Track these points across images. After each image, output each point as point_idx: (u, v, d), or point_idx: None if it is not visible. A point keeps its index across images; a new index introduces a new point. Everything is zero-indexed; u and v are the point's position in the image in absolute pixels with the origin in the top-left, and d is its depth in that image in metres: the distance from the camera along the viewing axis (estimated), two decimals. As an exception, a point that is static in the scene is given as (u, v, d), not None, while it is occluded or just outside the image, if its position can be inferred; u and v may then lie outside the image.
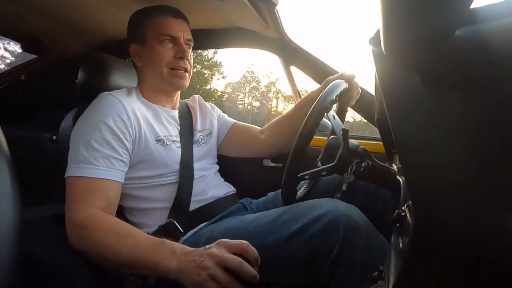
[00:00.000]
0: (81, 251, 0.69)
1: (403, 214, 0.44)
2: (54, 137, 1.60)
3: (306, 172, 0.79)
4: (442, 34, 0.27)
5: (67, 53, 1.53)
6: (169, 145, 0.88)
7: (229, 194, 0.99)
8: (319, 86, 0.99)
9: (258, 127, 1.10)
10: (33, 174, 1.35)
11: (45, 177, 1.43)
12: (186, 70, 0.92)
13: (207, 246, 0.61)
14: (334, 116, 0.79)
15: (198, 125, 1.03)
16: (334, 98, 0.76)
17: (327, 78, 0.91)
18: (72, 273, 0.68)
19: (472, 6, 0.26)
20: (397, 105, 0.34)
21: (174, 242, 0.65)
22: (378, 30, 0.31)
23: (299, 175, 0.77)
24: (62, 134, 0.96)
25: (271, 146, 1.06)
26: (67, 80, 1.60)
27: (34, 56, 1.61)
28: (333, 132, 0.83)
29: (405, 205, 0.45)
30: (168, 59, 0.89)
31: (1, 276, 0.59)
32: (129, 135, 0.81)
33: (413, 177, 0.33)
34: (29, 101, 1.71)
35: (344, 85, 0.82)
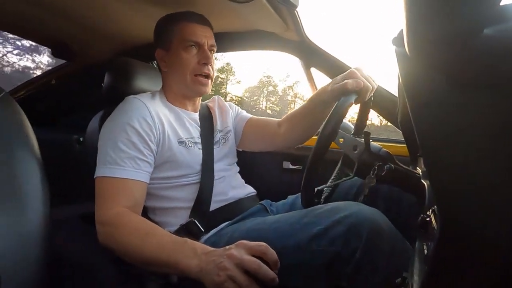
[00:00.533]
0: (109, 249, 0.72)
1: (428, 219, 0.43)
2: (81, 139, 1.66)
3: (323, 186, 0.78)
4: (469, 32, 0.26)
5: (94, 58, 1.59)
6: (191, 147, 0.90)
7: (249, 195, 1.00)
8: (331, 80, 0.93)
9: (277, 120, 1.08)
10: (61, 174, 1.41)
11: (72, 177, 1.49)
12: (208, 76, 0.93)
13: (227, 247, 0.61)
14: (343, 138, 0.77)
15: (218, 125, 1.05)
16: (342, 118, 0.74)
17: (332, 85, 0.84)
18: (98, 272, 0.71)
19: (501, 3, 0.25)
20: (421, 106, 0.33)
21: (195, 242, 0.66)
22: (401, 30, 0.30)
23: (318, 189, 0.76)
24: (88, 136, 1.00)
25: (288, 140, 1.04)
26: (93, 84, 1.66)
27: (63, 61, 1.68)
28: (346, 155, 0.81)
29: (430, 210, 0.43)
30: (192, 65, 0.91)
31: (32, 272, 0.62)
32: (154, 136, 0.83)
33: (439, 181, 0.32)
34: (59, 104, 1.80)
35: (350, 100, 0.77)
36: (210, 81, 0.94)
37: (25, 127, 0.66)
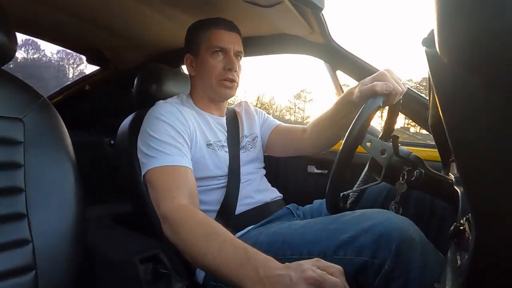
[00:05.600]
0: (174, 244, 0.69)
1: (461, 228, 0.41)
2: (112, 142, 1.73)
3: (349, 191, 0.76)
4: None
5: (125, 64, 1.66)
6: (218, 150, 0.92)
7: (275, 199, 0.99)
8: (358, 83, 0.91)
9: (302, 126, 1.08)
10: (94, 175, 1.47)
11: (103, 179, 1.56)
12: (233, 81, 0.94)
13: (293, 277, 0.51)
14: (370, 141, 0.73)
15: (245, 131, 1.05)
16: (369, 121, 0.72)
17: (360, 86, 0.80)
18: (127, 270, 0.73)
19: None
20: (454, 110, 0.32)
21: (257, 256, 0.57)
22: (432, 30, 0.29)
23: (344, 193, 0.74)
24: (119, 139, 1.04)
25: (314, 146, 1.04)
26: (124, 89, 1.73)
27: (97, 68, 1.77)
28: (373, 159, 0.78)
29: (464, 218, 0.41)
30: (217, 70, 0.93)
31: (66, 267, 0.65)
32: (188, 135, 0.86)
33: (474, 188, 0.30)
34: (92, 108, 1.89)
35: (378, 102, 0.74)
36: (235, 85, 0.96)
37: (61, 130, 0.70)
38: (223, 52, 0.93)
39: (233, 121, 1.04)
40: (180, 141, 0.83)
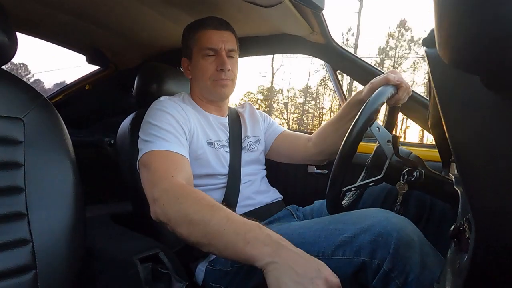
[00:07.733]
0: (165, 220, 0.66)
1: (461, 228, 0.41)
2: (112, 141, 1.73)
3: (351, 186, 0.76)
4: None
5: (125, 64, 1.66)
6: (219, 149, 0.92)
7: (276, 200, 0.99)
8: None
9: (308, 135, 1.09)
10: (94, 175, 1.47)
11: (104, 178, 1.56)
12: (228, 79, 0.94)
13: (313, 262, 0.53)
14: (378, 128, 0.74)
15: (248, 132, 1.05)
16: (380, 106, 0.72)
17: (372, 80, 0.86)
18: (128, 269, 0.73)
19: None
20: (454, 109, 0.32)
21: (268, 229, 0.58)
22: (432, 30, 0.29)
23: (344, 189, 0.74)
24: (119, 139, 1.04)
25: (319, 153, 1.04)
26: (124, 89, 1.73)
27: (97, 67, 1.77)
28: (376, 152, 0.79)
29: (464, 219, 0.41)
30: (210, 72, 0.93)
31: (66, 266, 0.65)
32: (188, 130, 0.86)
33: (474, 188, 0.30)
34: (92, 108, 1.89)
35: (390, 90, 0.77)
36: (231, 82, 0.95)
37: (61, 130, 0.70)
38: (214, 53, 0.93)
39: (235, 122, 1.04)
40: (179, 132, 0.83)
